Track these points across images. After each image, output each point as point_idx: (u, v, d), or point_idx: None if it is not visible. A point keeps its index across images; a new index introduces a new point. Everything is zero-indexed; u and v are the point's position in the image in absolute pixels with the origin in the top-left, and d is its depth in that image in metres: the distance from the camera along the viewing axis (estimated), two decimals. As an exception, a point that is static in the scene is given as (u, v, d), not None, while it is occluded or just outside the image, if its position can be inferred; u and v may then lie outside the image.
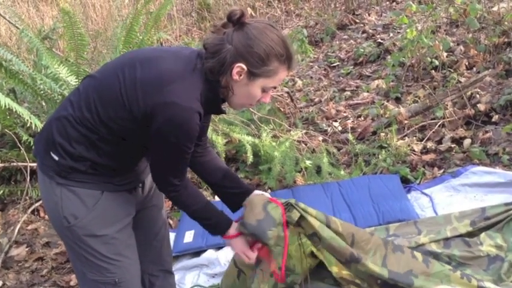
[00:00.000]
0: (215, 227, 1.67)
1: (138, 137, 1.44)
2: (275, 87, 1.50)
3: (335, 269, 1.92)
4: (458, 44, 4.30)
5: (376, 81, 4.28)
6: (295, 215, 1.77)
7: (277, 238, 1.74)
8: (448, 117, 3.36)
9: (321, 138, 3.56)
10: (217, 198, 3.07)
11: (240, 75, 1.39)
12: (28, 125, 2.88)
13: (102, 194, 1.49)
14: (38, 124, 2.86)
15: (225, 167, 1.80)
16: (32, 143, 3.11)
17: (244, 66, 1.37)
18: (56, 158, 1.45)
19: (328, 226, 1.82)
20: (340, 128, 3.73)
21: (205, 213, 1.63)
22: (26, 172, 3.14)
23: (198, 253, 2.62)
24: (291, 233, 1.82)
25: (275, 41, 1.38)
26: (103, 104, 1.40)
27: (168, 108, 1.33)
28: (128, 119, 1.39)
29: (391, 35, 5.18)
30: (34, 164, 3.26)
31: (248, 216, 1.69)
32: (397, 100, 3.93)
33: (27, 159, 3.13)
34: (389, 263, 1.89)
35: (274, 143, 3.30)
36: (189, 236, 2.70)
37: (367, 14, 6.08)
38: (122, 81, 1.38)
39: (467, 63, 3.98)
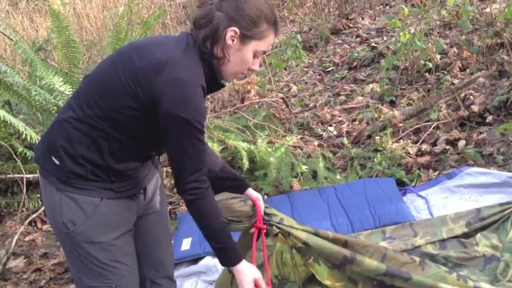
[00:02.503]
0: (229, 252, 1.59)
1: (144, 127, 1.44)
2: (264, 52, 1.56)
3: (328, 282, 1.90)
4: (451, 46, 4.32)
5: (371, 85, 4.29)
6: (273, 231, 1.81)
7: None
8: (442, 119, 3.37)
9: (316, 143, 3.57)
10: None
11: (233, 40, 1.44)
12: (23, 136, 2.88)
13: (101, 201, 1.50)
14: (33, 136, 2.86)
15: (221, 161, 1.84)
16: (27, 155, 3.11)
17: (237, 30, 1.42)
18: (57, 162, 1.46)
19: (317, 234, 1.84)
20: (335, 133, 3.74)
21: (223, 234, 1.57)
22: (23, 183, 3.14)
23: (195, 260, 2.63)
24: (282, 242, 1.83)
25: (263, 4, 1.46)
26: (104, 97, 1.41)
27: (172, 85, 1.35)
28: (134, 106, 1.39)
29: (385, 38, 5.20)
30: (30, 176, 3.26)
31: None
32: (392, 103, 3.94)
33: (23, 170, 3.13)
34: (387, 259, 1.92)
35: (269, 149, 3.30)
36: (186, 244, 2.70)
37: (360, 18, 6.10)
38: (121, 72, 1.40)
39: (460, 65, 4.00)
